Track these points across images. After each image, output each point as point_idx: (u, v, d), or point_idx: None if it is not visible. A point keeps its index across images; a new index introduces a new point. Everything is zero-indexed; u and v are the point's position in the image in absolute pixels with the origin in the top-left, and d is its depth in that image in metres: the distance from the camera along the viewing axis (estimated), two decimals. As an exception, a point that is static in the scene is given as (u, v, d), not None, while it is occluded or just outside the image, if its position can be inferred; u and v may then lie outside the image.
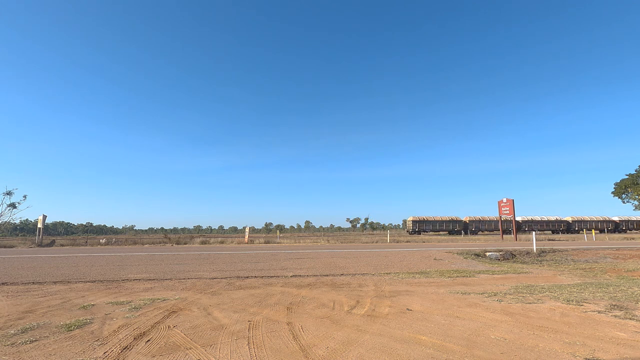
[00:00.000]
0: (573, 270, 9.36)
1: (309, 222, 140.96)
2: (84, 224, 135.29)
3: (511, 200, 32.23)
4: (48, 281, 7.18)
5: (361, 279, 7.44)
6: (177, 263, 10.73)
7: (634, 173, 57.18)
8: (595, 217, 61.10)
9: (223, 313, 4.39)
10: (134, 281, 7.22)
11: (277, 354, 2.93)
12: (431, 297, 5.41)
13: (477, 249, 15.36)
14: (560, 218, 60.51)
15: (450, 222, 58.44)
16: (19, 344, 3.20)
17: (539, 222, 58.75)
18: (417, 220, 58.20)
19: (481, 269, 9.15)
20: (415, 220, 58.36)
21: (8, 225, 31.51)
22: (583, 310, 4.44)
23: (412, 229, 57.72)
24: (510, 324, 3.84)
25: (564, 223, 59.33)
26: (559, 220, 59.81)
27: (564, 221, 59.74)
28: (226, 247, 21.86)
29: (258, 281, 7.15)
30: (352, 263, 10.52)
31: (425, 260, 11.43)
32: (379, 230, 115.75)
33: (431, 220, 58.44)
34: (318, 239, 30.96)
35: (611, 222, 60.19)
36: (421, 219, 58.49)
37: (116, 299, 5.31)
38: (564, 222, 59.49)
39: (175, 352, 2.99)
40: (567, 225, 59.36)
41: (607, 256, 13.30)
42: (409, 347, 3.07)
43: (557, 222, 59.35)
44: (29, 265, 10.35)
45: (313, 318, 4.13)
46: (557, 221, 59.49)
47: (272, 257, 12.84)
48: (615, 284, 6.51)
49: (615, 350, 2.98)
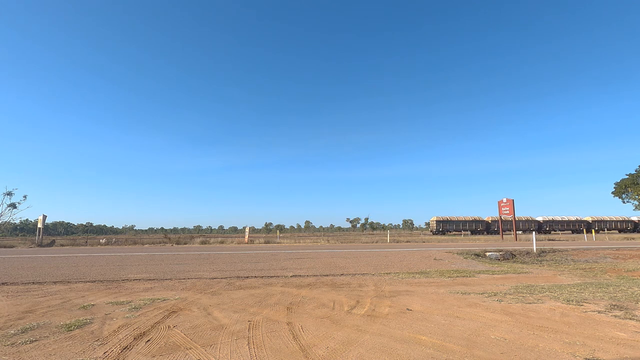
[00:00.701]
0: (573, 270, 9.36)
1: (309, 222, 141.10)
2: (84, 224, 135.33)
3: (511, 200, 32.23)
4: (48, 281, 7.18)
5: (361, 279, 7.44)
6: (177, 263, 10.73)
7: (634, 173, 57.21)
8: (615, 217, 62.19)
9: (223, 313, 4.39)
10: (134, 281, 7.22)
11: (277, 354, 2.93)
12: (431, 297, 5.41)
13: (477, 249, 15.35)
14: (580, 218, 61.71)
15: (472, 222, 59.41)
16: (19, 344, 3.20)
17: (559, 222, 59.95)
18: (441, 220, 59.18)
19: (481, 269, 9.15)
20: (439, 220, 59.28)
21: (8, 225, 31.51)
22: (583, 310, 4.44)
23: (436, 229, 58.64)
24: (510, 324, 3.84)
25: (584, 223, 60.52)
26: (579, 220, 61.00)
27: (584, 221, 60.93)
28: (226, 247, 21.86)
29: (258, 281, 7.15)
30: (352, 263, 10.52)
31: (425, 260, 11.43)
32: (379, 230, 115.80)
33: (454, 220, 59.43)
34: (318, 239, 30.96)
35: (630, 222, 61.36)
36: (445, 219, 59.47)
37: (116, 299, 5.31)
38: (584, 222, 60.69)
39: (175, 352, 2.99)
40: (588, 225, 60.40)
41: (607, 256, 13.30)
42: (409, 347, 3.07)
43: (578, 222, 60.52)
44: (29, 265, 10.35)
45: (313, 318, 4.13)
46: (577, 221, 60.68)
47: (272, 257, 12.84)
48: (615, 284, 6.51)
49: (615, 350, 2.98)
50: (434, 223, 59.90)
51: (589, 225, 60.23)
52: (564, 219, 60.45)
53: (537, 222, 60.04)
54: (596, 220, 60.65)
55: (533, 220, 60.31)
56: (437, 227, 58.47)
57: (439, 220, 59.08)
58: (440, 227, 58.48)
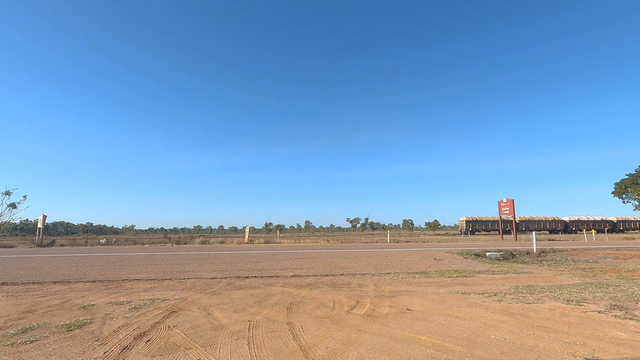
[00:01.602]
0: (573, 270, 9.35)
1: (309, 222, 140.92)
2: (84, 224, 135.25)
3: (511, 200, 32.23)
4: (48, 281, 7.18)
5: (361, 279, 7.44)
6: (177, 263, 10.73)
7: (634, 173, 57.28)
8: (593, 217, 62.19)
9: (223, 313, 4.39)
10: (134, 281, 7.22)
11: (277, 354, 2.93)
12: (431, 297, 5.41)
13: (477, 249, 15.35)
14: (557, 218, 61.60)
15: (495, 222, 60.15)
16: (19, 344, 3.20)
17: (536, 221, 59.74)
18: (470, 221, 60.12)
19: (481, 269, 9.15)
20: (469, 220, 60.21)
21: (8, 225, 31.50)
22: (583, 310, 4.44)
23: (466, 229, 59.48)
24: (510, 324, 3.84)
25: (561, 223, 60.40)
26: (556, 220, 60.84)
27: (562, 221, 60.81)
28: (226, 247, 21.87)
29: (258, 281, 7.15)
30: (352, 263, 10.52)
31: (425, 260, 11.42)
32: (379, 230, 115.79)
33: (483, 220, 60.39)
34: (318, 239, 30.96)
35: (608, 222, 61.22)
36: (474, 219, 60.43)
37: (116, 299, 5.31)
38: (561, 222, 60.56)
39: (175, 352, 2.99)
40: (565, 225, 60.40)
41: (607, 256, 13.30)
42: (409, 347, 3.07)
43: (555, 222, 60.33)
44: (29, 265, 10.35)
45: (313, 318, 4.13)
46: (554, 221, 60.49)
47: (272, 257, 12.84)
48: (615, 284, 6.51)
49: (615, 350, 2.98)
50: (463, 223, 61.07)
51: (614, 225, 61.04)
52: (590, 219, 61.11)
53: (564, 222, 60.91)
54: (574, 221, 61.01)
55: (559, 220, 61.10)
56: (467, 227, 59.70)
57: (468, 220, 60.36)
58: (470, 226, 59.72)
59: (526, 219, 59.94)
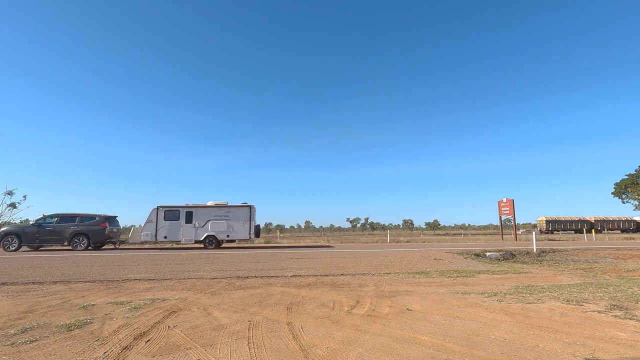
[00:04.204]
0: (573, 270, 9.36)
1: (309, 222, 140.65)
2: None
3: (511, 200, 32.21)
4: (48, 281, 7.18)
5: (361, 279, 7.44)
6: (177, 263, 10.73)
7: (634, 173, 57.35)
8: (618, 217, 63.74)
9: (223, 313, 4.39)
10: (134, 281, 7.22)
11: (277, 354, 2.93)
12: (431, 297, 5.41)
13: (477, 249, 15.36)
14: (630, 218, 63.55)
15: (578, 222, 62.06)
16: (19, 344, 3.20)
17: (610, 221, 62.11)
18: (550, 220, 61.76)
19: (481, 269, 9.15)
20: (548, 220, 61.82)
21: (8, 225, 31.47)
22: (583, 310, 4.44)
23: (546, 229, 60.81)
24: (510, 324, 3.84)
25: (634, 222, 62.64)
26: (629, 220, 62.87)
27: (634, 221, 62.93)
28: (226, 247, 21.85)
29: (258, 281, 7.15)
30: (352, 263, 10.52)
31: (425, 260, 11.43)
32: (379, 230, 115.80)
33: (562, 220, 62.13)
34: (318, 239, 30.95)
35: (633, 222, 62.92)
36: (553, 219, 62.20)
37: (116, 299, 5.31)
38: (634, 222, 62.77)
39: (175, 352, 2.99)
40: (637, 225, 62.47)
41: (607, 256, 13.30)
42: (409, 347, 3.07)
43: (628, 222, 62.41)
44: (29, 265, 10.35)
45: (313, 318, 4.13)
46: (627, 221, 62.56)
47: (272, 257, 12.84)
48: (615, 284, 6.51)
49: (615, 350, 2.98)
50: (542, 223, 62.78)
51: (638, 225, 62.75)
52: (615, 219, 62.76)
53: (589, 222, 62.37)
54: (599, 220, 62.43)
55: (584, 220, 62.57)
56: (547, 227, 61.28)
57: (548, 220, 62.08)
58: (550, 226, 61.42)
59: (601, 219, 62.00)
